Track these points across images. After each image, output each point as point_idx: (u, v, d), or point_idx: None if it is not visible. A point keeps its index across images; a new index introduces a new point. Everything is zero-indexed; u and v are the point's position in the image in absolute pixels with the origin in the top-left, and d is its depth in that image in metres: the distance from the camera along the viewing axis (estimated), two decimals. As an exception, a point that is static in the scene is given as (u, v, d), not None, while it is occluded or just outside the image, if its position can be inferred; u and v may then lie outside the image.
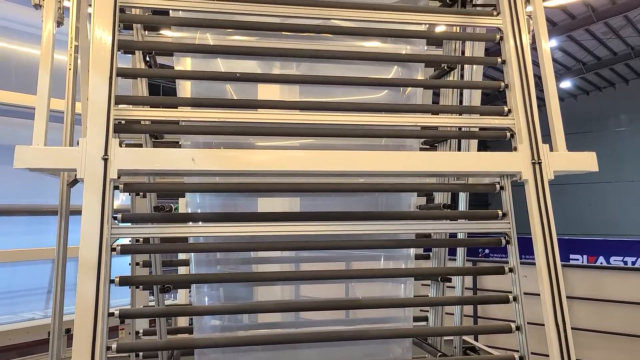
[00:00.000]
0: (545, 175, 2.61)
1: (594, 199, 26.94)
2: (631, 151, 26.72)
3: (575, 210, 25.92)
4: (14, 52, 7.10)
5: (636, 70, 25.34)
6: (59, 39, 2.66)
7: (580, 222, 25.65)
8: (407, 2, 3.34)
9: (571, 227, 23.23)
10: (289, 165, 2.54)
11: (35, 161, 2.31)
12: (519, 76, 2.73)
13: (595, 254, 14.79)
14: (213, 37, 3.18)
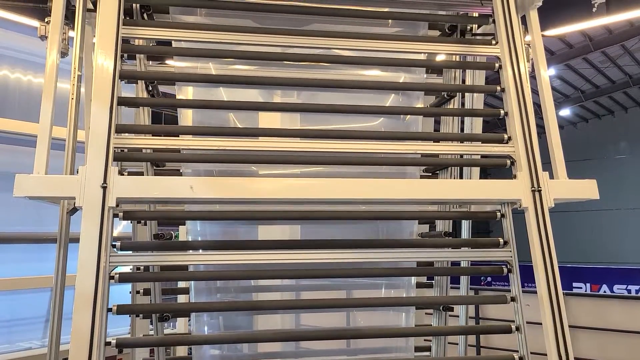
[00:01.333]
0: (546, 203, 2.60)
1: (596, 227, 26.83)
2: (632, 179, 26.71)
3: (577, 238, 25.80)
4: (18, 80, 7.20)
5: (635, 98, 25.51)
6: (65, 68, 2.70)
7: (582, 250, 25.50)
8: (406, 32, 3.39)
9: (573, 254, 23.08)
10: (288, 193, 2.54)
11: (34, 189, 2.32)
12: (517, 104, 2.75)
13: (598, 282, 14.66)
14: (215, 67, 3.22)
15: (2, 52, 7.11)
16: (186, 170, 3.25)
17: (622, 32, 15.71)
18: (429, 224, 3.74)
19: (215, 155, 2.72)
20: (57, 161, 2.55)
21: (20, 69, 7.13)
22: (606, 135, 27.72)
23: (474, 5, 3.17)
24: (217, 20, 3.17)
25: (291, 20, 3.16)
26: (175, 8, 3.17)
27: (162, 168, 3.48)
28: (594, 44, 17.27)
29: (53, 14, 2.67)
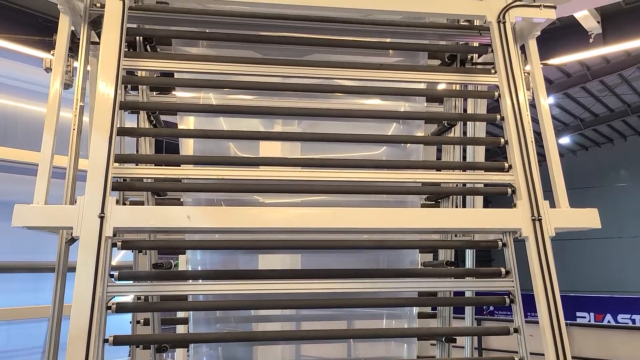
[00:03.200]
0: (546, 232, 2.58)
1: (598, 255, 26.66)
2: (633, 207, 26.66)
3: (579, 266, 25.60)
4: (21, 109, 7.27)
5: (634, 126, 25.64)
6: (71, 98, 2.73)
7: (585, 279, 25.28)
8: (407, 61, 3.42)
9: (575, 283, 22.89)
10: (288, 223, 2.54)
11: (32, 220, 2.33)
12: (516, 133, 2.76)
13: (602, 311, 14.49)
14: (216, 96, 3.25)
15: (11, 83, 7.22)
16: (187, 199, 3.25)
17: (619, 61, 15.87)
18: (432, 253, 3.72)
19: (215, 185, 2.72)
20: (61, 190, 2.57)
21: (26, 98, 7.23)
22: (606, 163, 27.77)
23: (473, 35, 3.21)
24: (219, 51, 3.21)
25: (293, 50, 3.20)
26: (177, 40, 3.22)
27: (163, 197, 3.48)
28: (592, 73, 17.43)
29: (57, 47, 2.71)
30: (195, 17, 2.96)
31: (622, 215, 25.41)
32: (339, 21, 3.04)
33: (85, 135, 2.72)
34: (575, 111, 22.84)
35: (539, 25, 2.97)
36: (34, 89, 7.00)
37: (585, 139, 26.93)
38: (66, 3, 2.71)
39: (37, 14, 6.51)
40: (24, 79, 7.27)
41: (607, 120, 24.32)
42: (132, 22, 2.92)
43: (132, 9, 2.81)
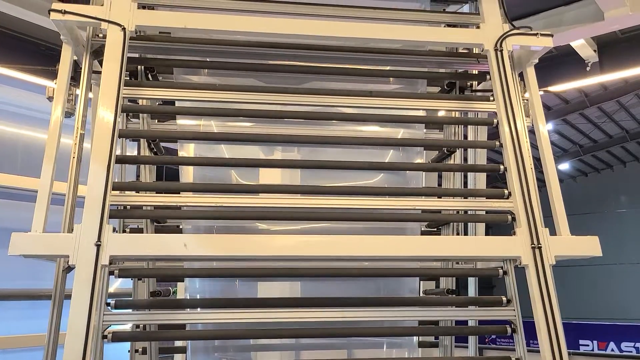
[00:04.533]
0: (547, 260, 2.55)
1: (599, 282, 26.44)
2: (634, 233, 26.53)
3: (580, 293, 25.35)
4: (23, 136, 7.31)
5: (633, 152, 25.68)
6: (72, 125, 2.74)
7: (586, 306, 25.00)
8: (406, 88, 3.45)
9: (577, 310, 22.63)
10: (286, 251, 2.53)
11: (29, 248, 2.32)
12: (515, 160, 2.75)
13: (606, 339, 14.31)
14: (216, 124, 3.27)
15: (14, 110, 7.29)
16: (186, 226, 3.24)
17: (616, 88, 15.99)
18: (433, 280, 3.69)
19: (214, 212, 2.72)
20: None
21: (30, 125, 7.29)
22: (606, 189, 27.74)
23: (471, 63, 3.24)
24: (220, 79, 3.24)
25: (293, 78, 3.23)
26: (179, 68, 3.25)
27: (163, 224, 3.47)
28: (590, 99, 17.55)
29: (59, 77, 2.73)
30: (195, 47, 3.00)
31: (623, 241, 25.27)
32: (340, 49, 3.07)
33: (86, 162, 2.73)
34: (574, 137, 22.92)
35: (537, 53, 3.00)
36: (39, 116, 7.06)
37: (585, 165, 26.96)
38: (69, 34, 2.75)
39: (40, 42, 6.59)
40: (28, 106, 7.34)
41: (606, 147, 24.38)
42: (134, 51, 2.95)
43: (134, 39, 2.84)
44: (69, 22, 2.71)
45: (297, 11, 3.07)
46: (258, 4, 3.06)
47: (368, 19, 3.14)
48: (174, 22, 2.95)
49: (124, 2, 2.81)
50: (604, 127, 22.19)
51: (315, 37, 3.00)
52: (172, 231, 3.42)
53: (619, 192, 27.81)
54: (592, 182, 28.40)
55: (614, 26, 3.96)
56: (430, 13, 3.38)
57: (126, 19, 2.75)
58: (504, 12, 3.17)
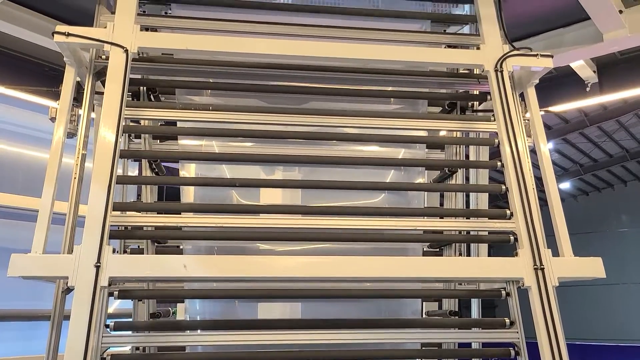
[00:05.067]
0: (549, 282, 2.52)
1: (602, 302, 26.22)
2: (635, 252, 26.39)
3: (583, 314, 25.12)
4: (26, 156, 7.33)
5: (633, 172, 25.67)
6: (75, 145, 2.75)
7: (589, 326, 24.77)
8: (407, 109, 3.46)
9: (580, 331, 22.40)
10: (286, 272, 2.51)
11: (28, 269, 2.31)
12: (516, 180, 2.74)
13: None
14: (218, 144, 3.27)
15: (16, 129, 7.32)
16: (187, 247, 3.22)
17: (616, 108, 16.04)
18: (435, 302, 3.66)
19: (213, 233, 2.71)
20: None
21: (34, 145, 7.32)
22: (607, 208, 27.67)
23: (472, 84, 3.26)
24: (222, 99, 3.26)
25: (295, 98, 3.25)
26: (181, 89, 3.27)
27: (163, 245, 3.46)
28: (590, 119, 17.60)
29: (61, 98, 2.75)
30: (197, 68, 3.02)
31: (625, 261, 25.12)
32: (341, 70, 3.09)
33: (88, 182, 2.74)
34: (574, 156, 22.94)
35: (537, 73, 3.01)
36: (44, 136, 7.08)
37: (586, 184, 26.94)
38: (72, 55, 2.77)
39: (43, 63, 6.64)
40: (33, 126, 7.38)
41: (606, 166, 24.39)
42: (136, 72, 2.97)
43: (136, 60, 2.86)
44: (72, 44, 2.73)
45: (299, 33, 3.10)
46: (259, 26, 3.10)
47: (369, 40, 3.16)
48: (176, 44, 2.98)
49: (126, 25, 2.83)
50: (604, 146, 22.23)
51: (317, 58, 3.02)
52: (173, 252, 3.41)
53: (620, 211, 27.74)
54: (593, 201, 28.35)
55: (613, 48, 4.00)
56: (431, 34, 3.40)
57: (128, 41, 2.78)
58: (504, 33, 3.20)
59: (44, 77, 6.56)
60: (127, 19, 2.86)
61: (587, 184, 27.07)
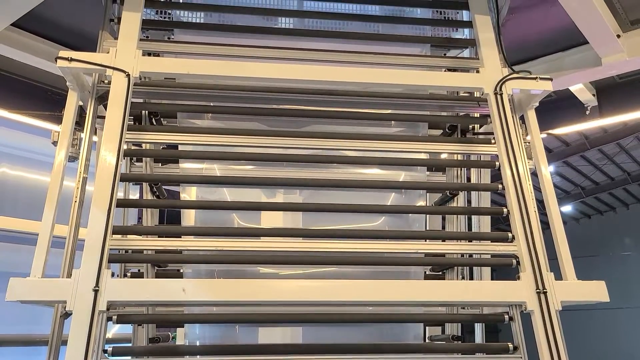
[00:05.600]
0: (552, 306, 2.48)
1: (608, 327, 25.92)
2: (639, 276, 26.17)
3: (588, 339, 24.81)
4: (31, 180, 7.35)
5: (635, 195, 25.61)
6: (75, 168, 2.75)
7: (594, 352, 24.45)
8: (407, 131, 3.48)
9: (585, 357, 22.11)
10: (287, 295, 2.48)
11: (26, 294, 2.29)
12: (517, 203, 2.73)
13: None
14: (219, 167, 3.28)
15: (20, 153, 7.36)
16: (187, 270, 3.21)
17: (616, 131, 16.10)
18: (438, 326, 3.61)
19: (214, 256, 2.69)
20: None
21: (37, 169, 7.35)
22: (610, 231, 27.54)
23: (472, 107, 3.27)
24: (223, 123, 3.28)
25: (296, 121, 3.26)
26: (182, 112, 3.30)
27: (164, 268, 3.44)
28: (590, 142, 17.65)
29: (63, 122, 2.76)
30: (199, 92, 3.04)
31: (630, 285, 24.91)
32: (343, 94, 3.11)
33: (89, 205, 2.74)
34: (575, 179, 22.94)
35: (537, 96, 3.02)
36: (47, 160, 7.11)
37: (588, 207, 26.87)
38: (75, 80, 2.79)
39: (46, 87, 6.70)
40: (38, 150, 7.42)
41: (608, 189, 24.36)
42: (138, 97, 3.00)
43: (138, 84, 2.89)
44: (75, 69, 2.76)
45: (300, 57, 3.13)
46: (260, 50, 3.13)
47: (370, 64, 3.19)
48: (177, 68, 3.01)
49: (129, 50, 2.87)
50: (605, 169, 22.24)
51: (318, 81, 3.05)
52: (174, 275, 3.39)
53: (623, 235, 27.60)
54: (595, 225, 28.24)
55: (611, 71, 4.03)
56: (431, 58, 3.43)
57: (130, 65, 2.81)
58: (503, 56, 3.23)
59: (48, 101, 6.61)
60: (130, 44, 2.90)
61: (589, 207, 27.00)
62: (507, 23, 3.69)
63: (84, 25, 4.08)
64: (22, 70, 6.17)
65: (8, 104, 6.41)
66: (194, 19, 3.50)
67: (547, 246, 2.67)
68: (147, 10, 3.34)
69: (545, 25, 3.95)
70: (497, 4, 3.45)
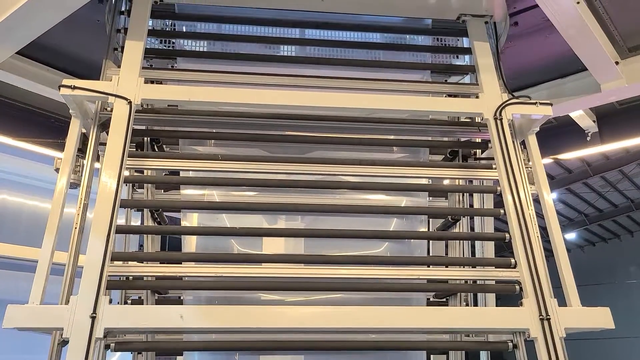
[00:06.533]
0: (556, 333, 2.44)
1: (612, 356, 25.48)
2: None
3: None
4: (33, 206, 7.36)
5: (639, 222, 25.49)
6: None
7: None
8: (408, 156, 3.48)
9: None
10: (287, 322, 2.45)
11: (23, 321, 2.27)
12: (519, 229, 2.71)
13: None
14: (220, 193, 3.28)
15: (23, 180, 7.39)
16: (187, 297, 3.18)
17: (618, 158, 16.11)
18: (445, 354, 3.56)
19: (214, 283, 2.67)
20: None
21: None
22: (614, 259, 27.31)
23: (473, 132, 3.28)
24: (226, 149, 3.29)
25: (298, 147, 3.28)
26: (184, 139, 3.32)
27: (164, 295, 3.41)
28: (593, 169, 17.65)
29: (66, 149, 2.78)
30: (200, 118, 3.07)
31: (634, 314, 24.56)
32: (345, 120, 3.13)
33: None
34: (579, 206, 22.87)
35: (537, 121, 3.03)
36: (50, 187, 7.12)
37: (592, 234, 26.72)
38: (78, 108, 2.82)
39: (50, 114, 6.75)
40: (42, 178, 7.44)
41: (611, 216, 24.25)
42: (141, 123, 3.02)
43: (140, 112, 2.91)
44: (78, 97, 2.79)
45: (302, 84, 3.15)
46: (263, 77, 3.16)
47: (372, 90, 3.22)
48: (179, 96, 3.04)
49: (131, 78, 2.90)
50: (608, 196, 22.18)
51: (320, 108, 3.07)
52: (174, 302, 3.37)
53: (627, 263, 27.35)
54: (600, 252, 28.01)
55: (611, 98, 4.04)
56: (432, 84, 3.47)
57: (132, 93, 2.83)
58: (503, 82, 3.25)
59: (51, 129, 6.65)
60: (132, 73, 2.93)
61: (593, 234, 26.85)
62: (507, 50, 3.73)
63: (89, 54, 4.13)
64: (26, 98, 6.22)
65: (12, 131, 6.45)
66: (197, 48, 3.55)
67: (552, 274, 2.64)
68: (151, 39, 3.39)
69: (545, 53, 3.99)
70: (495, 31, 3.50)
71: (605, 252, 27.85)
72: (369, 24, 3.59)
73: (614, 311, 2.63)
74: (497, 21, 3.52)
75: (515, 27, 3.61)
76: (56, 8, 2.90)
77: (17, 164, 7.40)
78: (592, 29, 3.16)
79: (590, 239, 27.78)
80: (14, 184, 7.62)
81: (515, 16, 3.57)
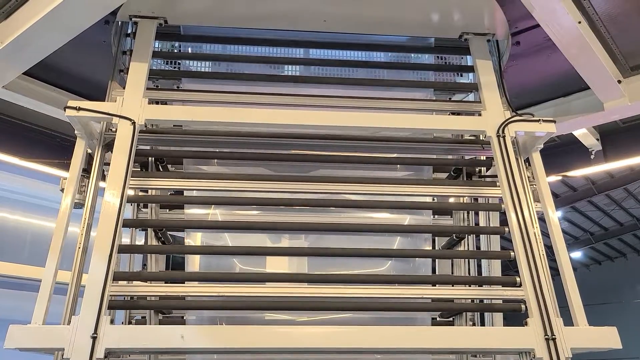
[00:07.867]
0: (562, 353, 2.39)
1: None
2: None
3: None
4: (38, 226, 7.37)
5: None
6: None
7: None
8: (412, 175, 3.48)
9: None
10: (288, 342, 2.42)
11: (25, 341, 2.26)
12: (523, 247, 2.69)
13: None
14: (223, 212, 3.28)
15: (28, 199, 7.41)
16: (190, 317, 3.16)
17: (623, 176, 16.08)
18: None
19: (217, 303, 2.66)
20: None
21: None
22: (621, 278, 27.04)
23: (476, 150, 3.28)
24: (229, 168, 3.30)
25: (302, 166, 3.28)
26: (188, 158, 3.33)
27: (168, 315, 3.39)
28: (597, 187, 17.61)
29: (71, 170, 2.80)
30: (204, 138, 3.08)
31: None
32: (349, 138, 3.13)
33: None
34: (584, 225, 22.75)
35: (541, 138, 3.02)
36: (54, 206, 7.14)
37: (598, 253, 26.53)
38: (83, 128, 2.84)
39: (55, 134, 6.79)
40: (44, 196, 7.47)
41: (617, 234, 24.09)
42: (145, 144, 3.04)
43: (144, 132, 2.93)
44: (83, 118, 2.81)
45: (305, 103, 3.17)
46: (267, 97, 3.18)
47: (375, 108, 3.23)
48: (182, 116, 3.06)
49: (135, 99, 2.93)
50: (613, 214, 22.07)
51: (324, 127, 3.08)
52: (179, 322, 3.34)
53: (634, 282, 27.06)
54: (606, 271, 27.76)
55: (614, 116, 4.04)
56: (435, 102, 3.48)
57: (136, 113, 2.86)
58: (506, 99, 3.26)
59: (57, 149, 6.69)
60: (136, 93, 2.96)
61: (599, 253, 26.65)
62: (509, 69, 3.75)
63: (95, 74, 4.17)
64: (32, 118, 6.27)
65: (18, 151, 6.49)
66: (202, 68, 3.58)
67: (558, 293, 2.61)
68: (156, 61, 3.42)
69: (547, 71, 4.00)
70: (498, 48, 3.52)
71: (611, 271, 27.59)
72: (372, 42, 3.62)
73: (622, 331, 2.59)
74: (500, 39, 3.55)
75: (518, 47, 3.63)
76: (63, 30, 2.94)
77: (22, 183, 7.44)
78: (593, 48, 3.17)
79: (597, 258, 27.55)
80: (19, 202, 7.65)
81: (517, 36, 3.60)
